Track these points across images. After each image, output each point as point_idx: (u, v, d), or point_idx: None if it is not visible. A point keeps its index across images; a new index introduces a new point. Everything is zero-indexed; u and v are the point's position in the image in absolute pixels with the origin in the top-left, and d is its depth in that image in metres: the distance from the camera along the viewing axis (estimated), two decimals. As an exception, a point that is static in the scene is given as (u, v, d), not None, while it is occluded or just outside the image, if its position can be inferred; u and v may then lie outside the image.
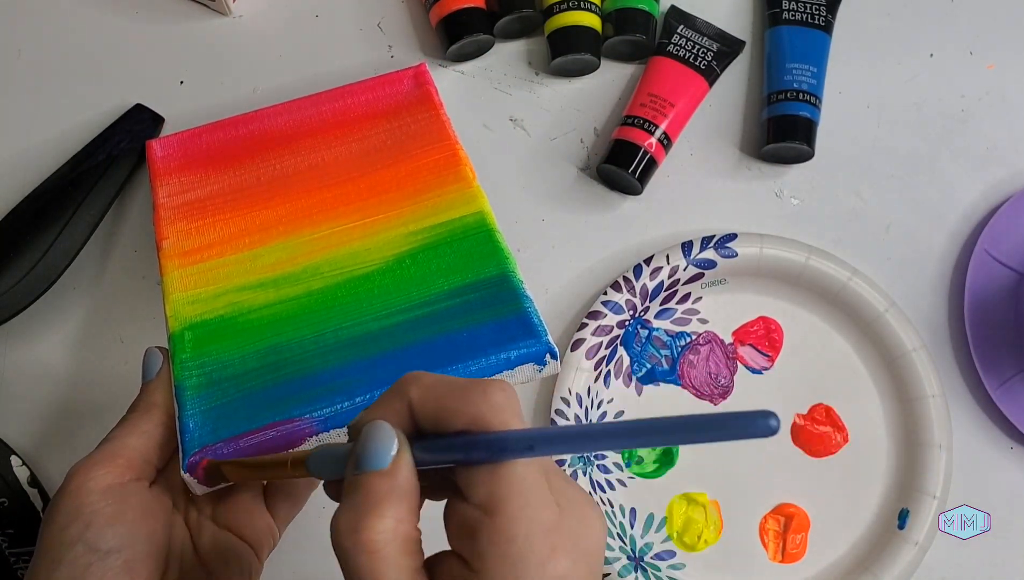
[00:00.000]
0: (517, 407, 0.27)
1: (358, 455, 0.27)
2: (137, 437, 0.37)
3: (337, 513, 0.27)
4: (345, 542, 0.26)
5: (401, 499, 0.26)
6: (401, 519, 0.26)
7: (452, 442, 0.27)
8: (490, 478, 0.26)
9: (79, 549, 0.34)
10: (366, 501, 0.26)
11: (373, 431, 0.27)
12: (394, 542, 0.26)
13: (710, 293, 0.51)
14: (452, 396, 0.27)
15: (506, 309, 0.41)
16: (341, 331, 0.41)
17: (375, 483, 0.26)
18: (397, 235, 0.44)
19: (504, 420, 0.26)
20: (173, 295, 0.43)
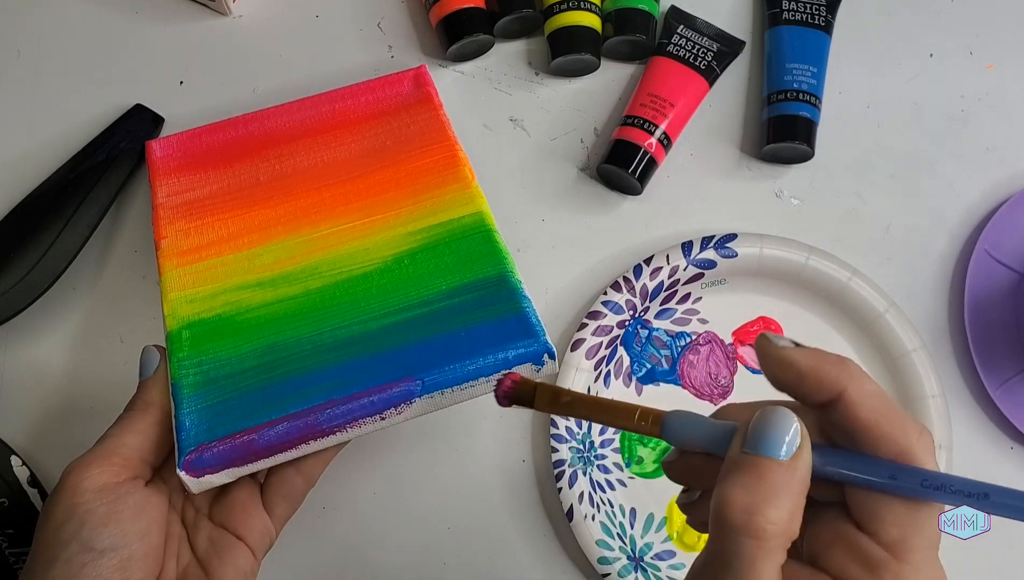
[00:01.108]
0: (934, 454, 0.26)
1: (754, 435, 0.26)
2: (133, 435, 0.37)
3: (729, 488, 0.25)
4: (735, 519, 0.25)
5: (799, 494, 0.26)
6: (794, 514, 0.25)
7: (880, 463, 0.26)
8: (907, 519, 0.25)
9: (74, 548, 0.34)
10: (763, 486, 0.25)
11: (775, 415, 0.26)
12: (781, 536, 0.25)
13: (710, 293, 0.51)
14: (890, 418, 0.26)
15: (504, 309, 0.41)
16: (339, 330, 0.41)
17: (774, 471, 0.25)
18: (396, 235, 0.44)
19: (930, 465, 0.26)
20: (171, 294, 0.43)
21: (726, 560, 0.25)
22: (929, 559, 0.25)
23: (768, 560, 0.25)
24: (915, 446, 0.25)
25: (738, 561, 0.25)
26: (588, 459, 0.48)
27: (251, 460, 0.38)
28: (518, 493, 0.49)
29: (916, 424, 0.26)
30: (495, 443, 0.49)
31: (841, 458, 0.26)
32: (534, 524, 0.48)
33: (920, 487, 0.25)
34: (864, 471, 0.26)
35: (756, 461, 0.26)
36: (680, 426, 0.28)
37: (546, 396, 0.32)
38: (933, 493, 0.25)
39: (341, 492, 0.48)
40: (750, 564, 0.25)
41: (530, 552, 0.48)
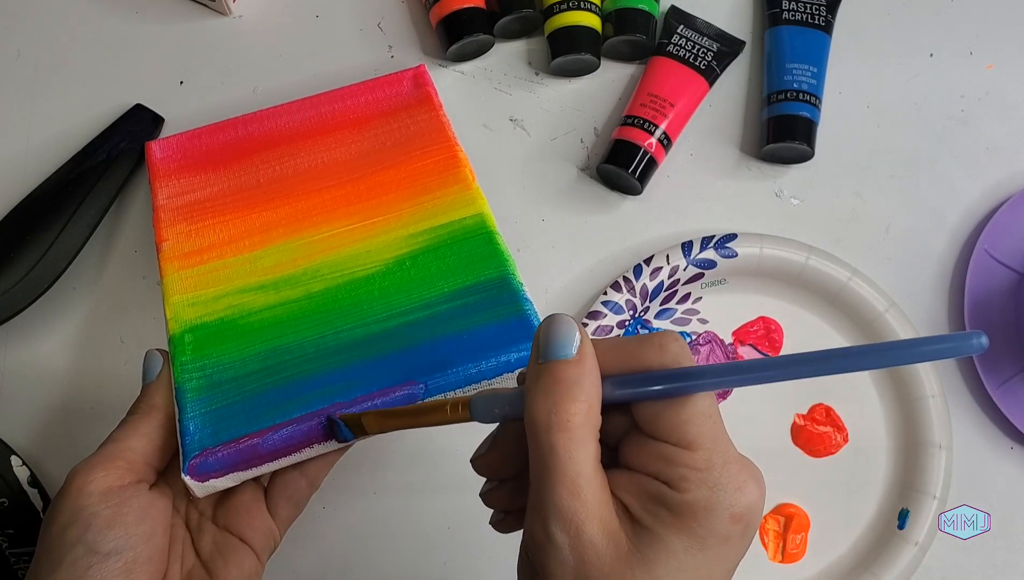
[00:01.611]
0: (691, 356, 0.28)
1: (543, 345, 0.28)
2: (137, 439, 0.37)
3: (532, 398, 0.28)
4: (542, 420, 0.27)
5: (592, 385, 0.28)
6: (591, 404, 0.28)
7: (640, 377, 0.28)
8: (678, 412, 0.27)
9: (79, 551, 0.34)
10: (559, 385, 0.28)
11: (556, 322, 0.29)
12: (586, 424, 0.27)
13: (710, 293, 0.51)
14: (630, 351, 0.29)
15: (506, 311, 0.41)
16: (341, 334, 0.41)
17: (564, 370, 0.28)
18: (397, 237, 0.44)
19: (683, 365, 0.28)
20: (173, 297, 0.43)
21: (544, 458, 0.27)
22: (715, 441, 0.27)
23: (580, 448, 0.27)
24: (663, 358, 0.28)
25: (554, 455, 0.27)
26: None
27: (255, 464, 0.38)
28: (518, 493, 0.48)
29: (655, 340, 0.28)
30: (495, 443, 0.49)
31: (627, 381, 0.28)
32: (534, 524, 0.48)
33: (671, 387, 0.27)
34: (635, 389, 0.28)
35: (549, 366, 0.28)
36: (483, 402, 0.31)
37: (372, 418, 0.36)
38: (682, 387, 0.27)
39: (342, 493, 0.48)
40: (566, 454, 0.27)
41: (530, 552, 0.48)
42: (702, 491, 0.27)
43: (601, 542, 0.27)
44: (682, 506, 0.27)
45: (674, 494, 0.27)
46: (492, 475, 0.33)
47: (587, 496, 0.27)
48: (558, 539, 0.27)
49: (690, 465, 0.27)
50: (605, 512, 0.27)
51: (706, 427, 0.27)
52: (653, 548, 0.27)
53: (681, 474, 0.27)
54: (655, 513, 0.27)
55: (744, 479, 0.27)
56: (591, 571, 0.27)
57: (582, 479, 0.27)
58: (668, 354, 0.28)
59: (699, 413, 0.27)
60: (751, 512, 0.27)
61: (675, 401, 0.27)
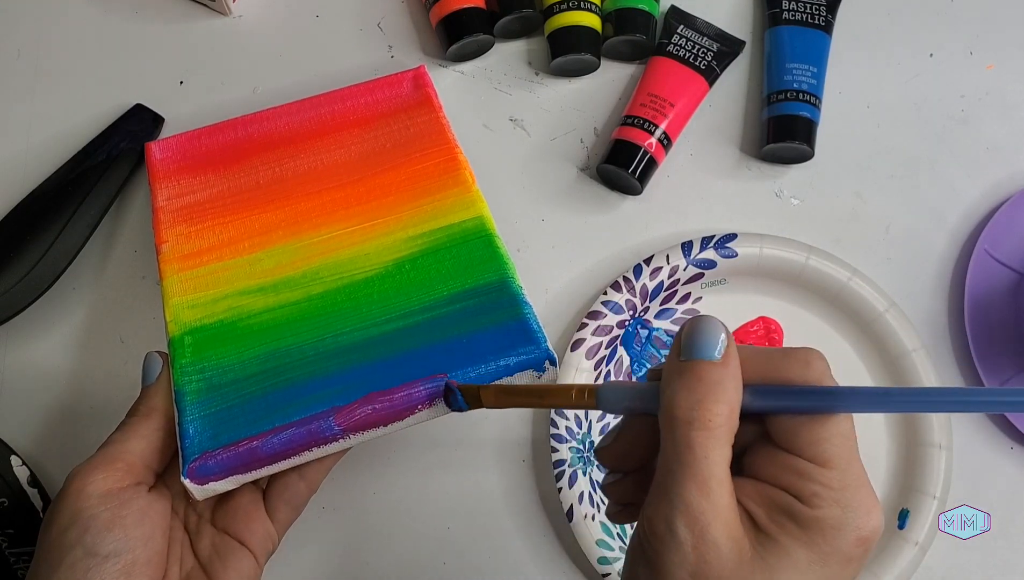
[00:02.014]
0: (833, 376, 0.29)
1: (687, 343, 0.29)
2: (137, 441, 0.37)
3: (674, 394, 0.28)
4: (683, 416, 0.28)
5: (735, 389, 0.28)
6: (734, 407, 0.28)
7: (784, 390, 0.28)
8: (818, 430, 0.27)
9: (78, 553, 0.34)
10: (702, 385, 0.28)
11: (703, 323, 0.29)
12: (725, 426, 0.28)
13: (710, 293, 0.51)
14: (774, 363, 0.29)
15: (505, 315, 0.41)
16: (341, 336, 0.41)
17: (709, 370, 0.28)
18: (397, 240, 0.44)
19: (827, 384, 0.28)
20: (173, 299, 0.43)
21: (680, 454, 0.27)
22: (849, 462, 0.28)
23: (718, 448, 0.27)
24: (807, 374, 0.28)
25: (690, 452, 0.27)
26: (588, 459, 0.48)
27: (255, 467, 0.38)
28: (518, 493, 0.49)
29: (801, 355, 0.29)
30: (495, 443, 0.49)
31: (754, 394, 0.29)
32: (534, 524, 0.48)
33: (815, 403, 0.28)
34: (776, 400, 0.28)
35: (693, 365, 0.28)
36: (613, 393, 0.31)
37: (491, 393, 0.36)
38: (826, 406, 0.27)
39: (341, 492, 0.48)
40: (703, 452, 0.27)
41: (530, 552, 0.48)
42: (833, 510, 0.27)
43: (725, 544, 0.27)
44: (811, 521, 0.27)
45: (804, 508, 0.27)
46: (615, 466, 0.33)
47: (716, 497, 0.27)
48: (681, 535, 0.27)
49: (824, 482, 0.27)
50: (731, 516, 0.27)
51: (844, 448, 0.28)
52: (777, 557, 0.27)
53: (813, 490, 0.27)
54: (782, 524, 0.27)
55: (872, 504, 0.28)
56: (711, 572, 0.27)
57: (714, 480, 0.27)
58: (814, 371, 0.28)
59: (839, 433, 0.28)
60: (874, 535, 0.28)
61: (816, 418, 0.28)
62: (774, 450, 0.29)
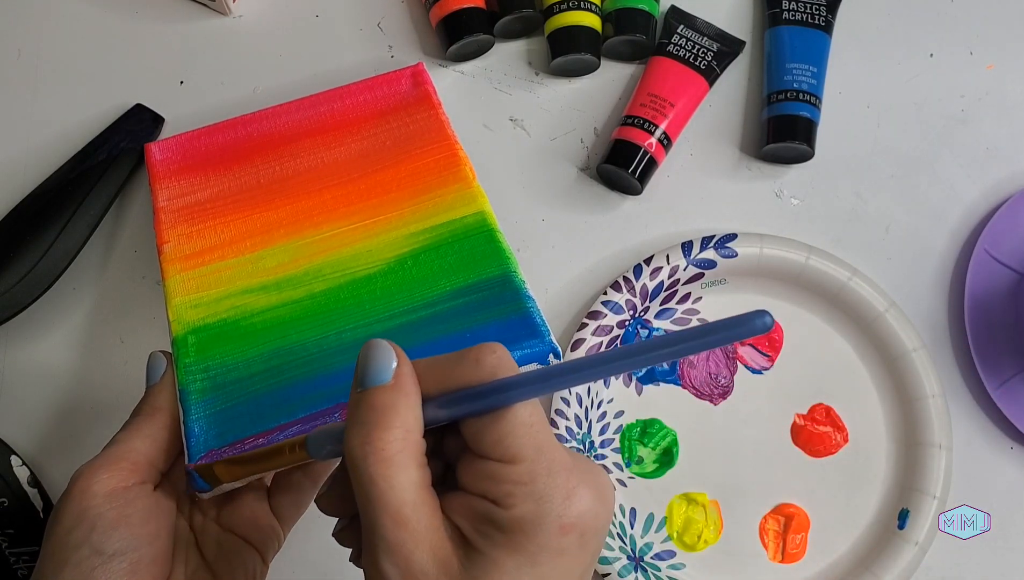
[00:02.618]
0: (512, 365, 0.28)
1: (360, 374, 0.28)
2: (141, 440, 0.37)
3: (348, 430, 0.27)
4: (357, 452, 0.27)
5: (408, 409, 0.27)
6: (409, 429, 0.27)
7: (456, 396, 0.27)
8: (498, 427, 0.27)
9: (84, 552, 0.34)
10: (373, 414, 0.27)
11: (371, 349, 0.28)
12: (405, 451, 0.27)
13: (710, 293, 0.51)
14: (447, 370, 0.28)
15: (509, 309, 0.41)
16: (344, 334, 0.41)
17: (380, 396, 0.27)
18: (398, 236, 0.44)
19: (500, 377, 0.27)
20: (175, 299, 0.43)
21: (366, 491, 0.26)
22: (538, 451, 0.27)
23: (401, 474, 0.26)
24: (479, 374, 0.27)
25: (374, 487, 0.26)
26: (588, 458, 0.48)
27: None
28: (518, 493, 0.48)
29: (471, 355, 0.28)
30: (495, 443, 0.49)
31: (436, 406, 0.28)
32: (534, 524, 0.48)
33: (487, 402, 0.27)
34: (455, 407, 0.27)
35: (364, 394, 0.27)
36: (317, 440, 0.31)
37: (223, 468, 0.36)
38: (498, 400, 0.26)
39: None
40: (385, 483, 0.26)
41: (530, 552, 0.48)
42: (528, 505, 0.26)
43: (432, 570, 0.26)
44: (510, 523, 0.26)
45: (501, 511, 0.26)
46: (336, 513, 0.32)
47: (414, 524, 0.26)
48: (389, 573, 0.26)
49: (514, 480, 0.26)
50: (435, 538, 0.26)
51: (527, 438, 0.26)
52: (484, 571, 0.26)
53: (506, 490, 0.26)
54: (485, 533, 0.26)
55: (573, 486, 0.27)
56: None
57: (406, 507, 0.26)
58: (485, 368, 0.27)
59: (519, 424, 0.27)
60: (583, 520, 0.27)
61: (494, 416, 0.27)
62: (473, 458, 0.27)
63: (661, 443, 0.49)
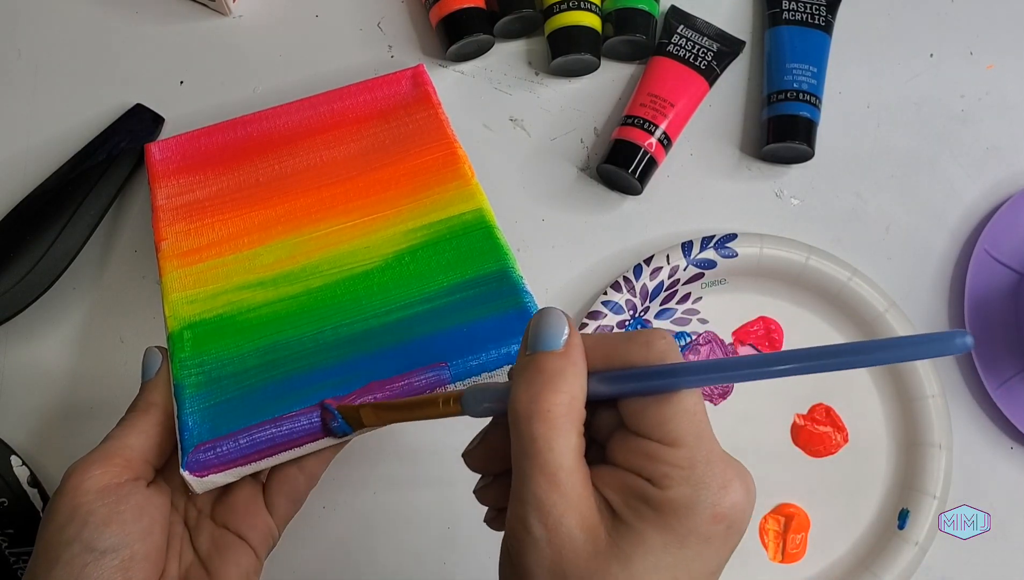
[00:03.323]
0: (678, 353, 0.28)
1: (532, 337, 0.29)
2: (135, 436, 0.37)
3: (514, 388, 0.28)
4: (523, 411, 0.27)
5: (575, 377, 0.28)
6: (575, 396, 0.28)
7: (626, 373, 0.28)
8: (662, 409, 0.27)
9: (76, 548, 0.34)
10: (542, 376, 0.28)
11: (545, 315, 0.29)
12: (568, 415, 0.27)
13: (710, 293, 0.51)
14: (616, 348, 0.29)
15: (506, 304, 0.41)
16: (341, 328, 0.41)
17: (550, 361, 0.28)
18: (396, 233, 0.44)
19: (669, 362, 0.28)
20: (172, 295, 0.43)
21: (525, 448, 0.27)
22: (699, 439, 0.27)
23: (561, 438, 0.27)
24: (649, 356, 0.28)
25: (534, 445, 0.27)
26: (588, 459, 0.48)
27: (254, 459, 0.38)
28: (518, 493, 0.48)
29: (642, 337, 0.28)
30: (495, 443, 0.49)
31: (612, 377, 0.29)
32: (534, 524, 0.48)
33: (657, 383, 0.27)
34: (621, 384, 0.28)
35: (534, 358, 0.28)
36: (474, 397, 0.31)
37: (370, 410, 0.36)
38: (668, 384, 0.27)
39: (341, 492, 0.48)
40: (546, 443, 0.27)
41: (530, 552, 0.48)
42: (684, 488, 0.27)
43: (579, 536, 0.27)
44: (663, 503, 0.27)
45: (656, 491, 0.27)
46: (482, 470, 0.33)
47: (567, 489, 0.27)
48: (536, 532, 0.27)
49: (672, 462, 0.27)
50: (585, 506, 0.27)
51: (690, 425, 0.27)
52: (631, 544, 0.27)
53: (663, 471, 0.27)
54: (636, 509, 0.27)
55: (729, 478, 0.27)
56: (567, 566, 0.27)
57: (562, 471, 0.27)
58: (654, 351, 0.28)
59: (683, 410, 0.27)
60: (734, 511, 0.27)
61: (659, 398, 0.27)
62: (628, 436, 0.28)
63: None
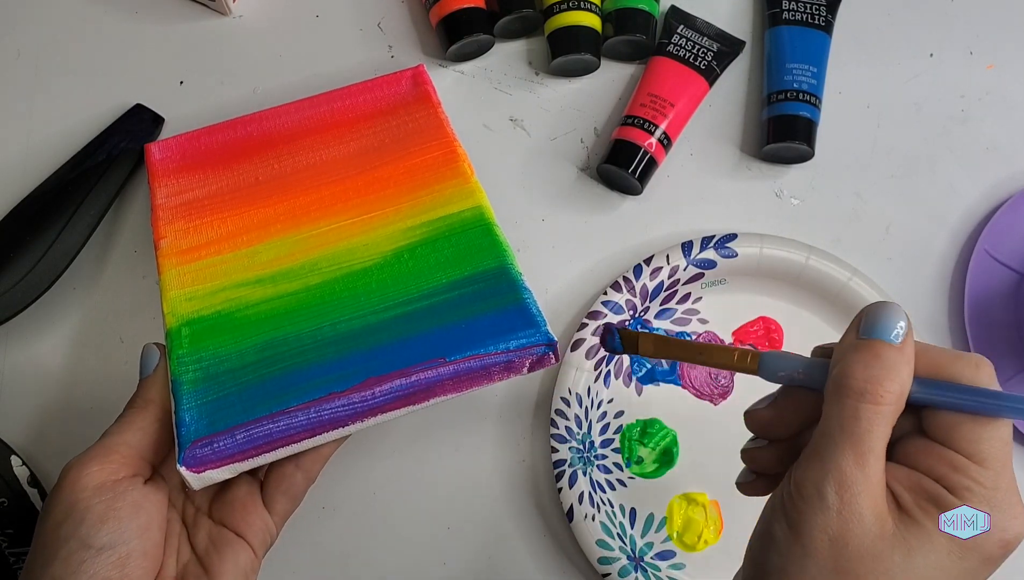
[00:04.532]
0: (997, 383, 0.30)
1: (868, 323, 0.30)
2: (132, 433, 0.37)
3: (850, 364, 0.29)
4: (857, 387, 0.29)
5: (907, 375, 0.29)
6: (904, 391, 0.29)
7: (956, 387, 0.29)
8: (980, 429, 0.28)
9: (73, 545, 0.34)
10: (879, 363, 0.29)
11: (886, 306, 0.30)
12: (894, 406, 0.29)
13: (710, 293, 0.51)
14: (945, 360, 0.30)
15: (505, 300, 0.41)
16: (339, 325, 0.41)
17: (886, 350, 0.29)
18: (395, 230, 0.44)
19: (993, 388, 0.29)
20: (170, 292, 0.43)
21: (845, 423, 0.29)
22: (1005, 466, 0.29)
23: (883, 425, 0.29)
24: (978, 377, 0.29)
25: (856, 423, 0.28)
26: (588, 459, 0.48)
27: (252, 455, 0.38)
28: (518, 493, 0.49)
29: (972, 359, 0.30)
30: (495, 443, 0.49)
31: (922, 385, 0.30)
32: (534, 524, 0.48)
33: (983, 404, 0.28)
34: (943, 395, 0.29)
35: (871, 343, 0.29)
36: (776, 362, 0.32)
37: (649, 341, 0.36)
38: (995, 408, 0.28)
39: (340, 492, 0.48)
40: (868, 425, 0.28)
41: (530, 552, 0.48)
42: (982, 506, 0.28)
43: (869, 516, 0.28)
44: None
45: (953, 500, 0.28)
46: (762, 431, 0.35)
47: (871, 471, 0.28)
48: (829, 499, 0.28)
49: (977, 479, 0.28)
50: (879, 492, 0.28)
51: (1001, 451, 0.29)
52: (918, 539, 0.28)
53: (966, 484, 0.28)
54: (928, 511, 0.28)
55: (1021, 511, 0.28)
56: (851, 540, 0.28)
57: (872, 455, 0.28)
58: (983, 374, 0.29)
59: (999, 436, 0.29)
60: (1016, 541, 0.28)
61: (978, 418, 0.29)
62: (929, 442, 0.29)
63: (661, 443, 0.49)
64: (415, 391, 0.39)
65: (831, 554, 0.28)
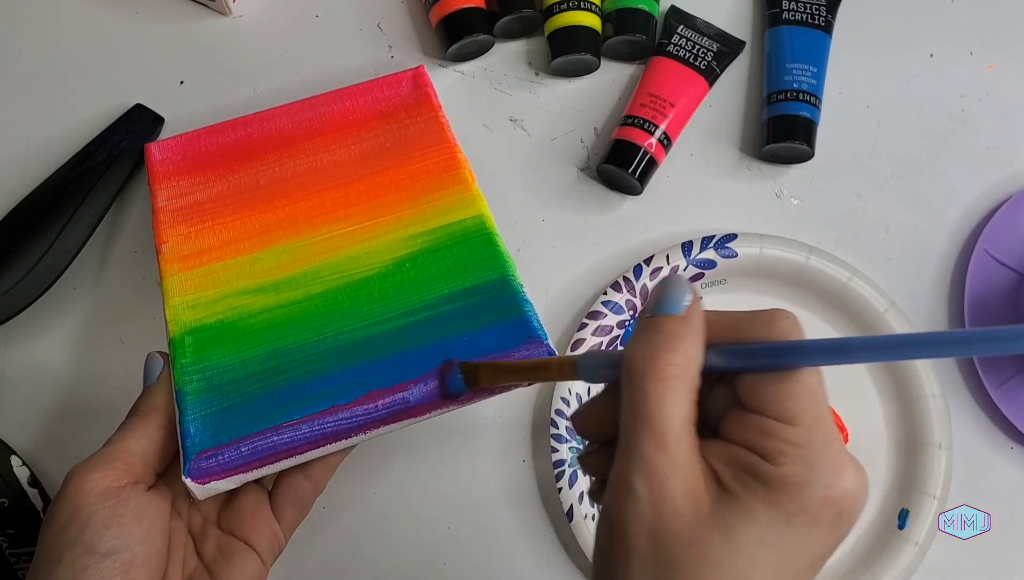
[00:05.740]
0: (801, 333, 0.28)
1: (653, 301, 0.29)
2: (136, 440, 0.38)
3: (631, 346, 0.28)
4: (638, 367, 0.27)
5: (693, 344, 0.28)
6: (690, 361, 0.27)
7: (747, 348, 0.28)
8: (781, 386, 0.27)
9: (77, 550, 0.34)
10: (660, 337, 0.28)
11: (669, 281, 0.29)
12: (682, 379, 0.27)
13: (710, 293, 0.51)
14: (737, 323, 0.28)
15: (506, 313, 0.41)
16: (341, 335, 0.41)
17: (669, 323, 0.28)
18: (396, 239, 0.44)
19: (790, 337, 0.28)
20: (173, 299, 0.43)
21: (636, 406, 0.27)
22: (817, 419, 0.27)
23: (673, 400, 0.27)
24: (770, 334, 0.28)
25: (645, 403, 0.27)
26: (588, 459, 0.48)
27: (256, 467, 0.38)
28: (518, 493, 0.49)
29: (764, 316, 0.28)
30: (495, 443, 0.49)
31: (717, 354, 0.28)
32: (534, 524, 0.48)
33: (778, 360, 0.27)
34: (739, 359, 0.28)
35: (654, 320, 0.28)
36: (591, 363, 0.31)
37: (486, 371, 0.36)
38: (789, 360, 0.27)
39: (341, 492, 0.48)
40: (657, 403, 0.27)
41: (530, 552, 0.48)
42: (798, 467, 0.26)
43: (681, 500, 0.26)
44: (775, 479, 0.26)
45: (768, 466, 0.26)
46: (588, 433, 0.32)
47: (673, 452, 0.27)
48: (638, 491, 0.26)
49: (788, 439, 0.26)
50: (690, 472, 0.27)
51: (810, 404, 0.27)
52: (737, 515, 0.26)
53: (778, 447, 0.26)
54: (745, 483, 0.27)
55: (844, 463, 0.27)
56: (667, 528, 0.26)
57: (671, 434, 0.27)
58: (776, 329, 0.28)
59: (804, 389, 0.27)
60: (847, 498, 0.27)
61: (779, 375, 0.27)
62: (743, 412, 0.28)
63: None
64: (418, 404, 0.39)
65: (652, 549, 0.26)
